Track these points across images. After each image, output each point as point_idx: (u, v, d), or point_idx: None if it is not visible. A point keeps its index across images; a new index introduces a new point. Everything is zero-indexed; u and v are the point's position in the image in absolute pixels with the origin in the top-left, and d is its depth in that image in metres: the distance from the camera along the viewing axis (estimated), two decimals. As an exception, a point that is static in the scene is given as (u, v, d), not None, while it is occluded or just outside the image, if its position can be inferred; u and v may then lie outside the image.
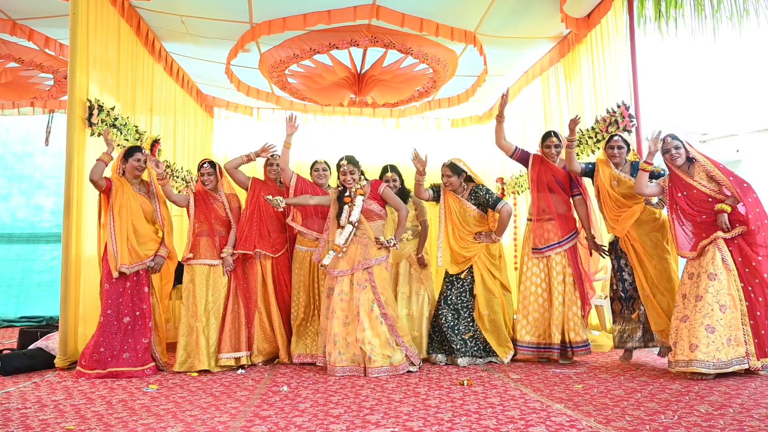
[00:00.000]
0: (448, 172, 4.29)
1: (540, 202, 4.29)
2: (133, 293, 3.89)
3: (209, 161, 4.37)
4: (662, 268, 3.96)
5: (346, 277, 4.00)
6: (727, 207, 3.51)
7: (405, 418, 2.63)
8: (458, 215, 4.29)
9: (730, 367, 3.31)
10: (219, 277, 4.20)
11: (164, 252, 4.06)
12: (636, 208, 3.98)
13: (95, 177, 3.84)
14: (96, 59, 4.40)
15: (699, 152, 3.73)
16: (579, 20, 5.20)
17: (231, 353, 4.08)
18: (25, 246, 8.13)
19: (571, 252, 4.23)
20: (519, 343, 4.22)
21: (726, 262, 3.51)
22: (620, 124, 4.74)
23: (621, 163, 4.09)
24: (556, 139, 4.28)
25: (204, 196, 4.29)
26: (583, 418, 2.60)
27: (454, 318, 4.24)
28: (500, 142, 4.39)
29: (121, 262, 3.80)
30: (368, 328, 3.86)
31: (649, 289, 3.94)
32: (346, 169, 4.10)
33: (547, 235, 4.26)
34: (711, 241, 3.56)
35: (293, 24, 5.05)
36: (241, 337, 4.17)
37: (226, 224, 4.32)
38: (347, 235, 3.99)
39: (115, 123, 4.52)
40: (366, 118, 8.26)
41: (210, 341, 4.04)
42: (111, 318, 3.79)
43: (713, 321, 3.38)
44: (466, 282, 4.29)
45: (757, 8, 5.49)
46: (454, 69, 6.08)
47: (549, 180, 4.27)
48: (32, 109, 7.56)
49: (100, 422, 2.61)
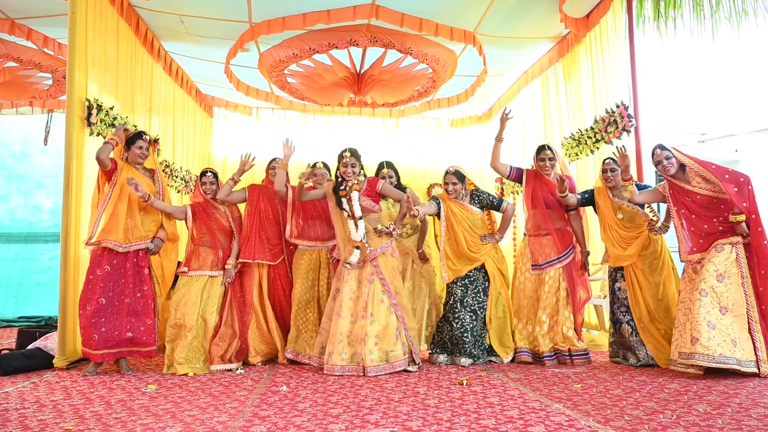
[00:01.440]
0: (454, 179, 4.27)
1: (536, 218, 4.30)
2: (134, 274, 3.87)
3: (212, 171, 4.32)
4: (660, 297, 3.94)
5: (353, 274, 3.98)
6: (740, 217, 3.50)
7: (404, 418, 2.63)
8: (467, 221, 4.27)
9: (730, 364, 3.30)
10: (216, 288, 4.16)
11: (162, 234, 4.04)
12: (642, 237, 3.97)
13: (103, 155, 3.79)
14: (95, 59, 4.39)
15: (687, 156, 3.72)
16: (578, 20, 5.21)
17: (221, 365, 4.00)
18: (23, 246, 8.13)
19: (567, 267, 4.24)
20: (518, 350, 4.25)
21: (740, 266, 3.52)
22: (619, 124, 4.74)
23: (617, 185, 4.08)
24: (550, 152, 4.28)
25: (204, 207, 4.26)
26: (582, 417, 2.60)
27: (472, 320, 4.21)
28: (495, 164, 4.36)
29: (106, 237, 3.74)
30: (377, 320, 3.84)
31: (648, 319, 3.93)
32: (348, 161, 4.04)
33: (546, 251, 4.25)
34: (730, 242, 3.56)
35: (292, 23, 5.05)
36: (231, 351, 4.07)
37: (229, 234, 4.30)
38: (362, 230, 3.98)
39: (114, 123, 4.52)
40: (365, 118, 8.27)
41: (198, 351, 3.97)
42: (112, 300, 3.76)
43: (713, 319, 3.40)
44: (478, 282, 4.27)
45: (756, 9, 5.51)
46: (453, 69, 6.08)
47: (545, 195, 4.27)
48: (31, 109, 7.55)
49: (99, 422, 2.61)
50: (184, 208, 4.23)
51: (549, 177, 4.27)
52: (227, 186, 4.26)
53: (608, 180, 4.09)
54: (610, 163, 4.11)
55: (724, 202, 3.59)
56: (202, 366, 3.95)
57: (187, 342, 3.95)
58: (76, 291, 4.05)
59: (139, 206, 3.94)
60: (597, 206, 4.19)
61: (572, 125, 5.62)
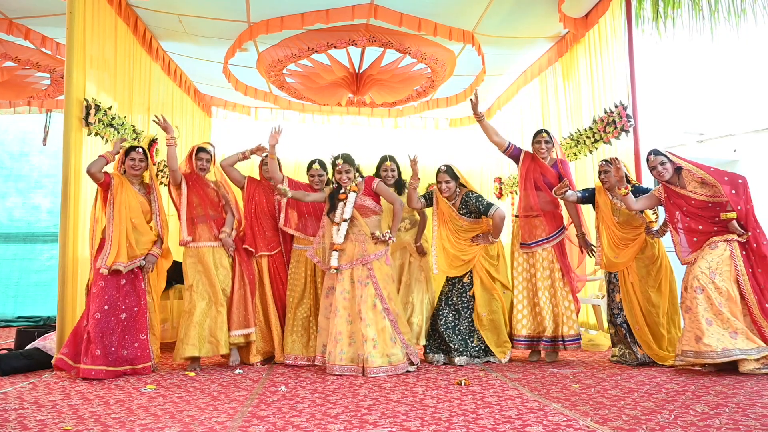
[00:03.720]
0: (446, 177, 4.29)
1: (527, 199, 4.32)
2: (130, 289, 3.87)
3: (211, 147, 4.38)
4: (654, 301, 3.95)
5: (346, 274, 3.99)
6: (731, 214, 3.53)
7: (402, 418, 2.63)
8: (452, 223, 4.30)
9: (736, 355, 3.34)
10: (223, 258, 4.22)
11: (156, 251, 4.03)
12: (638, 241, 3.98)
13: (94, 169, 3.82)
14: (93, 58, 4.39)
15: (684, 160, 3.73)
16: (577, 20, 5.21)
17: (240, 330, 4.14)
18: (22, 246, 8.12)
19: (558, 247, 4.29)
20: (515, 337, 4.27)
21: (735, 263, 3.54)
22: (618, 124, 4.74)
23: (613, 187, 4.09)
24: (546, 135, 4.32)
25: (198, 180, 4.27)
26: (580, 417, 2.60)
27: (455, 318, 4.26)
28: (492, 138, 4.40)
29: (116, 259, 3.77)
30: (371, 324, 3.86)
31: (642, 321, 3.95)
32: (341, 168, 4.07)
33: (535, 231, 4.31)
34: (724, 239, 3.59)
35: (291, 23, 5.05)
36: (249, 313, 4.21)
37: (219, 209, 4.33)
38: (343, 232, 4.00)
39: (112, 122, 4.51)
40: (364, 118, 8.26)
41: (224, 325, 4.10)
42: (108, 314, 3.74)
43: (710, 315, 3.46)
44: (466, 283, 4.31)
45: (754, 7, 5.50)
46: (452, 69, 6.08)
47: (536, 177, 4.30)
48: (29, 109, 7.54)
49: (98, 422, 2.61)
50: (182, 175, 4.24)
51: (545, 161, 4.31)
52: (235, 156, 4.35)
53: (604, 182, 4.12)
54: (605, 165, 4.13)
55: (719, 205, 3.61)
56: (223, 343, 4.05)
57: (219, 319, 4.04)
58: (75, 291, 4.05)
59: (132, 225, 3.92)
60: (597, 205, 4.20)
61: (571, 125, 5.63)
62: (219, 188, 4.36)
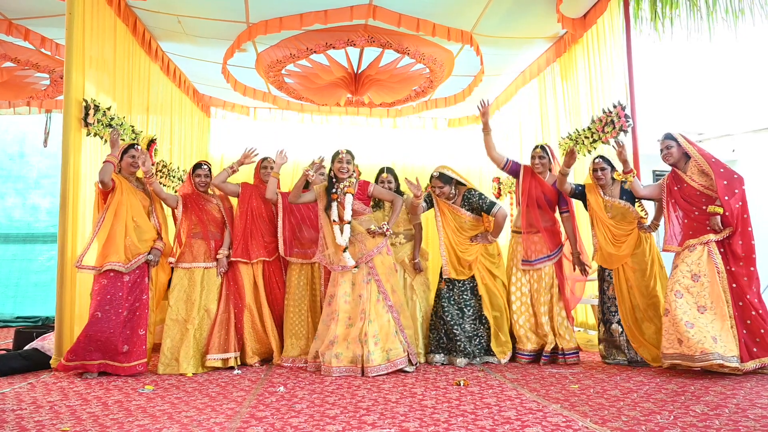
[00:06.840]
0: (439, 183, 4.29)
1: (529, 216, 4.31)
2: (134, 285, 3.87)
3: (207, 164, 4.38)
4: (650, 296, 3.96)
5: (347, 277, 3.99)
6: (719, 209, 3.53)
7: (401, 419, 2.63)
8: (454, 222, 4.30)
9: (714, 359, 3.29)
10: (213, 278, 4.21)
11: (160, 245, 4.04)
12: (633, 235, 3.98)
13: (106, 178, 3.81)
14: (92, 59, 4.38)
15: (694, 146, 3.74)
16: (575, 20, 5.21)
17: (219, 354, 4.06)
18: (21, 246, 8.11)
19: (558, 265, 4.30)
20: (519, 351, 4.27)
21: (715, 263, 3.53)
22: (616, 124, 4.74)
23: (607, 184, 4.11)
24: (540, 150, 4.32)
25: (196, 199, 4.28)
26: (579, 418, 2.60)
27: (459, 316, 4.24)
28: (491, 153, 4.39)
29: (111, 260, 3.76)
30: (374, 320, 3.86)
31: (633, 319, 3.96)
32: (343, 158, 4.05)
33: (537, 248, 4.29)
34: (701, 241, 3.59)
35: (290, 24, 5.05)
36: (231, 338, 4.14)
37: (221, 226, 4.33)
38: (347, 234, 3.99)
39: (111, 123, 4.51)
40: (363, 118, 8.26)
41: (199, 344, 4.06)
42: (110, 312, 3.73)
43: (691, 318, 3.43)
44: (466, 282, 4.30)
45: (752, 7, 5.50)
46: (450, 69, 6.08)
47: (538, 196, 4.29)
48: (28, 109, 7.54)
49: (96, 423, 2.61)
50: (177, 197, 4.27)
51: (542, 177, 4.31)
52: (225, 173, 4.32)
53: (599, 179, 4.12)
54: (600, 162, 4.13)
55: (709, 198, 3.62)
56: (199, 361, 4.00)
57: (190, 336, 3.99)
58: (74, 291, 4.04)
59: (134, 224, 3.92)
60: (588, 203, 4.20)
61: (569, 125, 5.63)
62: (222, 202, 4.37)
